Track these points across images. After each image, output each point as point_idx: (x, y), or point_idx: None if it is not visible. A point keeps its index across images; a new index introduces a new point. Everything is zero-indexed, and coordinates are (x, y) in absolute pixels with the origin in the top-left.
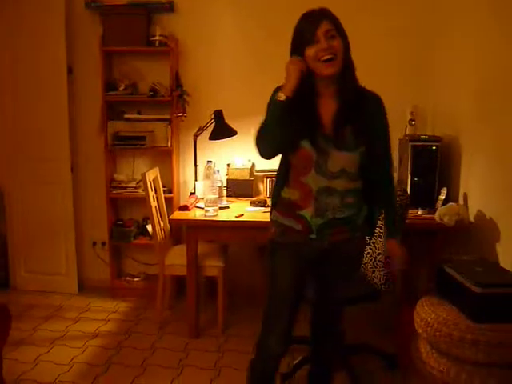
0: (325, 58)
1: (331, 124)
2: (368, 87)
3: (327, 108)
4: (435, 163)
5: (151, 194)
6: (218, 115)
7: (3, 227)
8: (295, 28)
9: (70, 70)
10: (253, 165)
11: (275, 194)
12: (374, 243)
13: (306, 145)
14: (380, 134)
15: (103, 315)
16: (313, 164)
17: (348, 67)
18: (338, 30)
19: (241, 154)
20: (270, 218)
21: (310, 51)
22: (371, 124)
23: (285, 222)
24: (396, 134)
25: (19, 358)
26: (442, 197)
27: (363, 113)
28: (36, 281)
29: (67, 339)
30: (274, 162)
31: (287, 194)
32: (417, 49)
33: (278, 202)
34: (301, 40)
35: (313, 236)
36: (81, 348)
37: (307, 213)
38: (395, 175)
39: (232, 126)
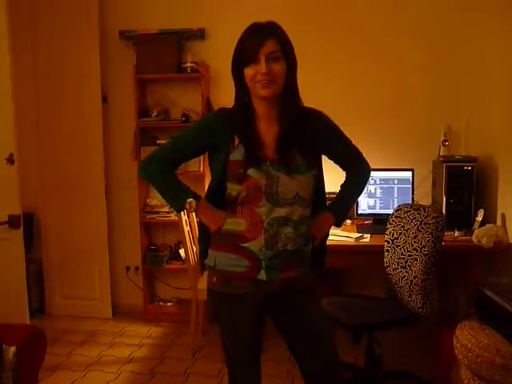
0: (262, 82)
1: (275, 148)
2: (399, 109)
3: (269, 132)
4: (471, 184)
5: (184, 218)
6: None
7: (38, 252)
8: (238, 41)
9: (104, 100)
10: None
11: (205, 233)
12: (409, 266)
13: (252, 173)
14: (336, 143)
15: (137, 340)
16: (263, 193)
17: (291, 90)
18: (284, 51)
19: None
20: (204, 263)
21: (249, 71)
22: (320, 142)
23: (225, 265)
24: (430, 155)
25: (55, 382)
26: (479, 218)
27: (308, 133)
28: (71, 306)
29: (102, 364)
30: None
31: (230, 224)
32: (447, 68)
33: (213, 238)
34: (241, 57)
35: (261, 276)
36: (115, 373)
37: (255, 245)
38: (429, 197)
39: None
